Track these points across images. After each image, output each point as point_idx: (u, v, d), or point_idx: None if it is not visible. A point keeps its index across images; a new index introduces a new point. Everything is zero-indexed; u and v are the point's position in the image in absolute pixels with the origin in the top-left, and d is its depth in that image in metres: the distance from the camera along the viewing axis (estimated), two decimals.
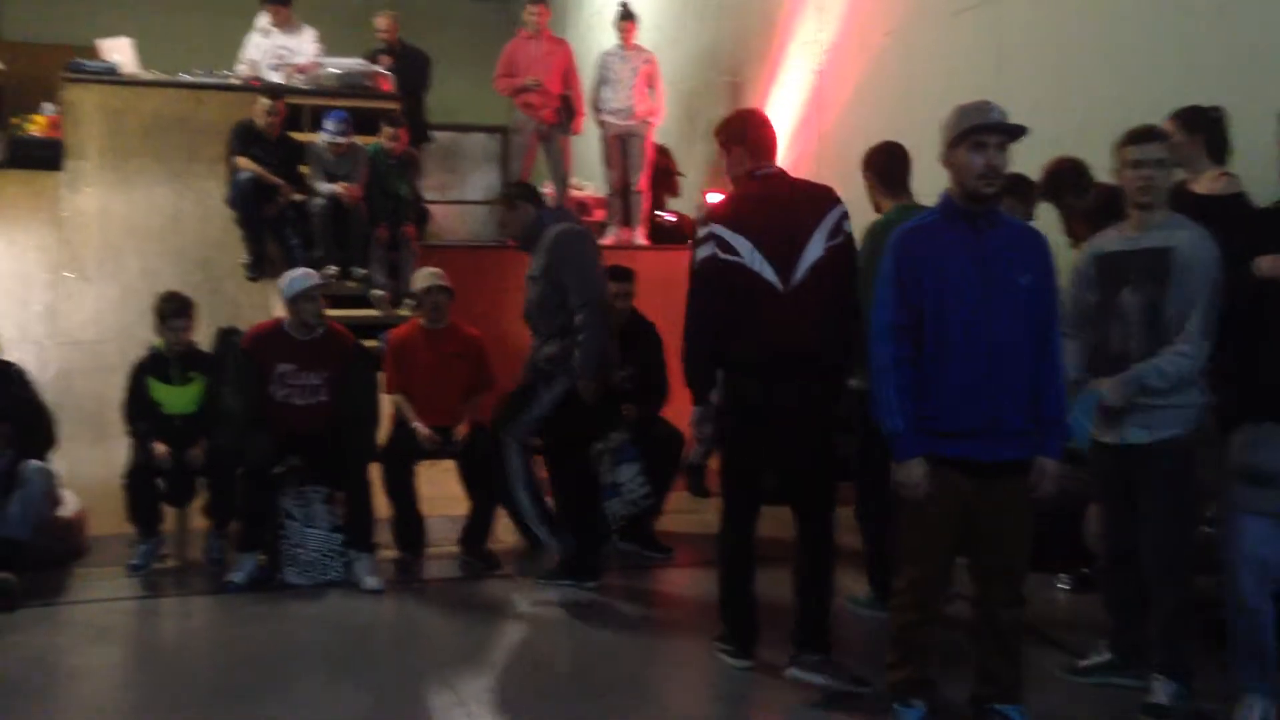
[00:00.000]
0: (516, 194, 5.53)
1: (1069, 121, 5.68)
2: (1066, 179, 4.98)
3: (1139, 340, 3.74)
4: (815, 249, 4.06)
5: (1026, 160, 3.63)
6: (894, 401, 3.46)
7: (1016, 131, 3.42)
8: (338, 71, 8.78)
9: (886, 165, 4.83)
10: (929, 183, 4.16)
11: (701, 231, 4.22)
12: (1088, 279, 3.90)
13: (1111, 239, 3.89)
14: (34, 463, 5.17)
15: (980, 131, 3.39)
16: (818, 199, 4.21)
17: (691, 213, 9.36)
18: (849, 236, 4.16)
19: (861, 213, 4.84)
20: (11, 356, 5.55)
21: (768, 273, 4.05)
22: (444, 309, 5.89)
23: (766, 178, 4.25)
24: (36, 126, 8.76)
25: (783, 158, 8.97)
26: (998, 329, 3.39)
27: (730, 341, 4.12)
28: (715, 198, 8.12)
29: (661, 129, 9.56)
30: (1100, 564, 4.20)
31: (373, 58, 9.23)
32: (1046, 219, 4.90)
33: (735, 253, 4.07)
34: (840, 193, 4.24)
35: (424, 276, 5.98)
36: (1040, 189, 5.02)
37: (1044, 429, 3.47)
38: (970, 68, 6.90)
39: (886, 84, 7.82)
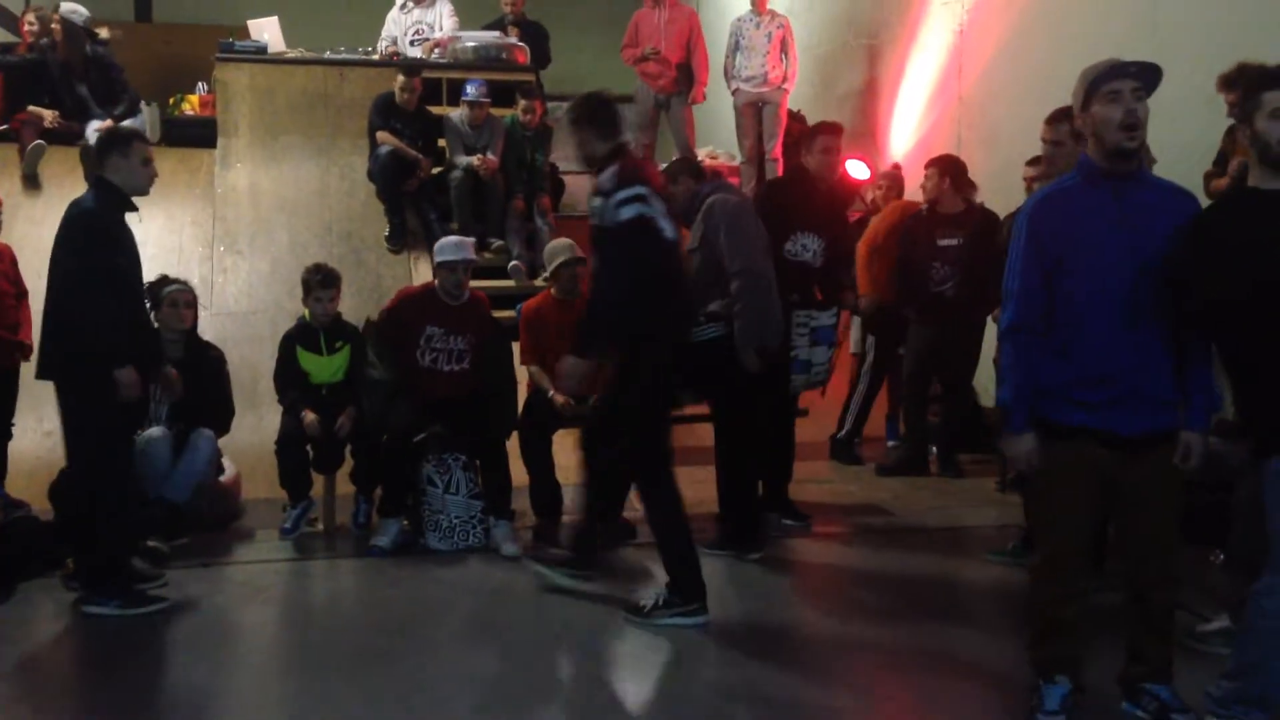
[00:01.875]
0: (677, 170, 5.54)
1: None
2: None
3: None
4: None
5: (1190, 122, 3.38)
6: (1004, 371, 3.38)
7: (1150, 74, 3.23)
8: (473, 45, 8.88)
9: None
10: None
11: (626, 191, 4.24)
12: None
13: None
14: (204, 431, 5.41)
15: (1112, 79, 3.21)
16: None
17: None
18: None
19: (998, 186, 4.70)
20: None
21: (677, 241, 4.43)
22: (577, 280, 5.93)
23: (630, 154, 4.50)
24: (190, 105, 9.14)
25: (920, 122, 8.87)
26: (1136, 295, 3.23)
27: (662, 307, 4.32)
28: (854, 165, 8.00)
29: (795, 95, 9.44)
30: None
31: (502, 29, 9.28)
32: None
33: (658, 217, 4.30)
34: (983, 158, 4.12)
35: (556, 249, 6.04)
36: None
37: (1189, 400, 3.31)
38: (1124, 22, 6.61)
39: (1032, 43, 7.55)
